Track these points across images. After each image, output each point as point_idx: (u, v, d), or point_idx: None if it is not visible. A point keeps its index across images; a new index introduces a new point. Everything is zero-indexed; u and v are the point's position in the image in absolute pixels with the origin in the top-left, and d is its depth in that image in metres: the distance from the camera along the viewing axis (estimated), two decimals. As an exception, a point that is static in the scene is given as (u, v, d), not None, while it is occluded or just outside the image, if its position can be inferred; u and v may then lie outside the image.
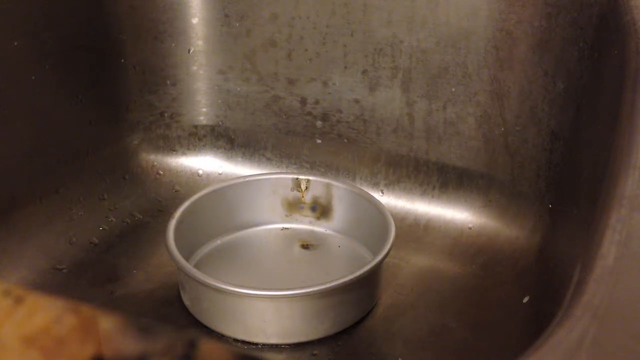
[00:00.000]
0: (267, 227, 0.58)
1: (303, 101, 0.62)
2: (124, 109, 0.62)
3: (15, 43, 0.52)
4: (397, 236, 0.51)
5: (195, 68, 0.63)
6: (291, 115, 0.63)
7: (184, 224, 0.53)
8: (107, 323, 0.21)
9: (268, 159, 0.63)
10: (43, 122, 0.55)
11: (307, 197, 0.58)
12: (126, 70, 0.61)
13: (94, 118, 0.59)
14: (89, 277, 0.54)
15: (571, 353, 0.26)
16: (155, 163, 0.63)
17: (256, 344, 0.49)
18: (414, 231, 0.59)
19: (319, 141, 0.62)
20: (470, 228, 0.58)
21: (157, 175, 0.63)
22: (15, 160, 0.53)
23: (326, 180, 0.57)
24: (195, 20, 0.62)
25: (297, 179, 0.57)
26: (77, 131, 0.58)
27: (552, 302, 0.40)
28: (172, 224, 0.52)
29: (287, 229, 0.58)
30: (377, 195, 0.59)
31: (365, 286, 0.50)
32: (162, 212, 0.57)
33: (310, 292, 0.47)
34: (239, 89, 0.63)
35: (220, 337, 0.49)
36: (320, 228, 0.58)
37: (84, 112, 0.58)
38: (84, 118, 0.58)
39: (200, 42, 0.63)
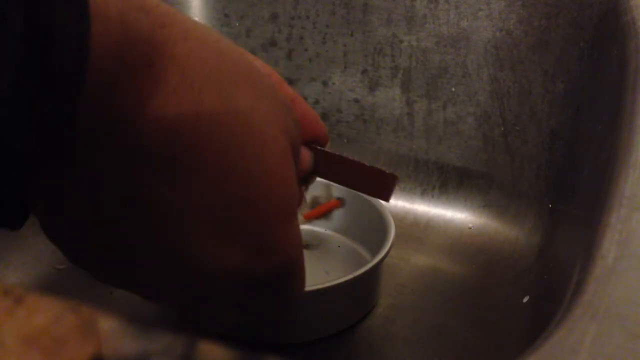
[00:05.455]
0: (267, 227, 0.58)
1: (303, 101, 0.62)
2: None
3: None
4: (396, 236, 0.51)
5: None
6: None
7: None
8: (107, 323, 0.21)
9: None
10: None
11: (307, 197, 0.58)
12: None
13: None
14: (89, 277, 0.54)
15: (571, 353, 0.26)
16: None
17: (256, 344, 0.49)
18: (414, 231, 0.59)
19: (319, 141, 0.62)
20: (470, 228, 0.58)
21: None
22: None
23: (326, 180, 0.57)
24: (195, 20, 0.62)
25: (297, 178, 0.57)
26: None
27: (552, 302, 0.40)
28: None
29: (287, 229, 0.58)
30: (377, 195, 0.59)
31: (365, 286, 0.50)
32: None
33: (310, 292, 0.47)
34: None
35: (220, 337, 0.49)
36: (320, 228, 0.58)
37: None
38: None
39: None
